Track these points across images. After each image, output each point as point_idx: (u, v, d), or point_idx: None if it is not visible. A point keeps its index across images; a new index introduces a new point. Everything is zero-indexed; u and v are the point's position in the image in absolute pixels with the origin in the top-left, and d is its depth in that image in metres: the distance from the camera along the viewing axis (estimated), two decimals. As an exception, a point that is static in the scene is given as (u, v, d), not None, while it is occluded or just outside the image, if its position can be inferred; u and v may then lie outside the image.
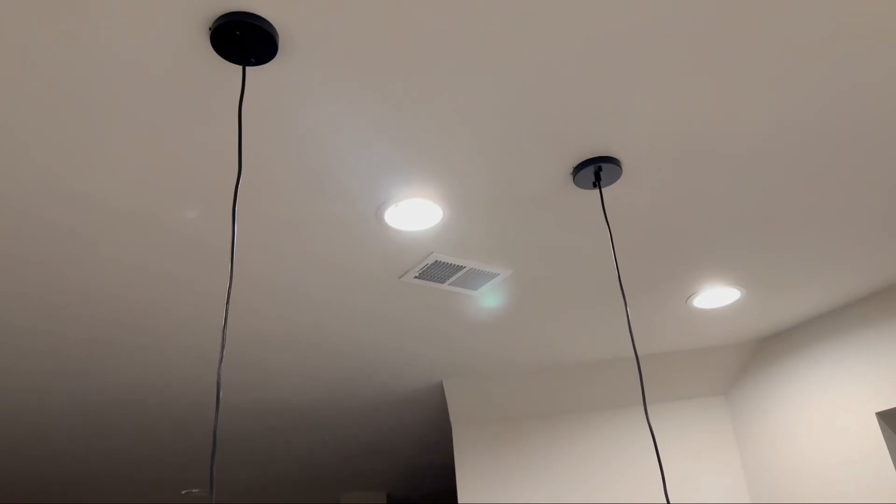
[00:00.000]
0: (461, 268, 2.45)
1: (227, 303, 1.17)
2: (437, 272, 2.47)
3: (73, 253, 2.16)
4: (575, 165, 1.90)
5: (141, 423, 3.79)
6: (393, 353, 3.16)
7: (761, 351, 3.26)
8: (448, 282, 2.54)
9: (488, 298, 2.69)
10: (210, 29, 1.37)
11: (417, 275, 2.48)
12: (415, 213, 2.09)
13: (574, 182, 1.95)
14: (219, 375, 0.98)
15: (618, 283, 2.63)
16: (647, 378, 3.39)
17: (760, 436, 3.18)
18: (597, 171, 1.89)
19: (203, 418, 3.83)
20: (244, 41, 1.37)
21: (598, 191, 2.02)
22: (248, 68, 1.48)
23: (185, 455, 4.45)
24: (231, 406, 3.67)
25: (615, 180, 1.94)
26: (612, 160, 1.87)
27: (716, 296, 2.75)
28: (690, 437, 3.35)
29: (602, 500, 3.32)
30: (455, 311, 2.78)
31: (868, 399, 2.79)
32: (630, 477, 3.33)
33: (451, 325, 2.91)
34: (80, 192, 1.87)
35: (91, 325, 2.65)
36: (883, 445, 2.70)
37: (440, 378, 3.56)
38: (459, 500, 3.50)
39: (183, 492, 5.25)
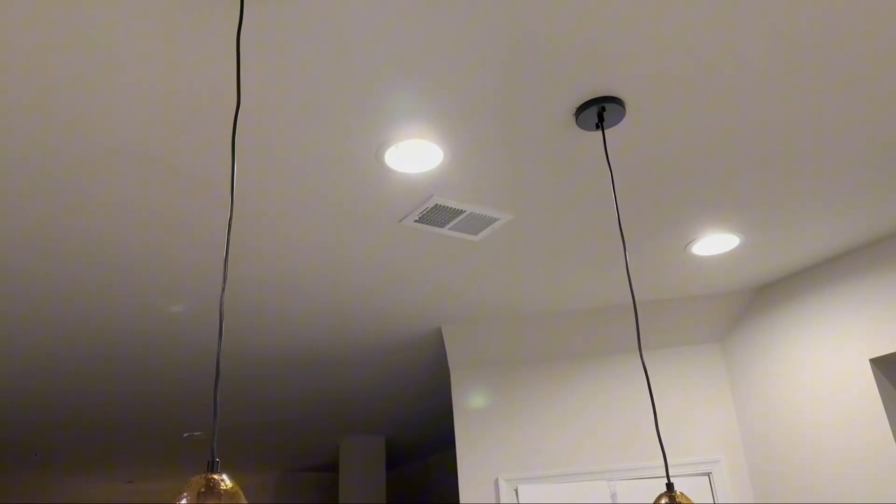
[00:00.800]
0: (461, 212, 2.45)
1: (229, 229, 1.17)
2: (437, 216, 2.47)
3: (70, 193, 2.15)
4: (578, 106, 1.88)
5: (141, 366, 3.84)
6: (392, 299, 3.18)
7: (757, 299, 3.28)
8: (448, 226, 2.54)
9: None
10: (206, -44, 1.33)
11: (417, 218, 2.47)
12: (415, 155, 2.07)
13: (577, 123, 1.93)
14: (221, 304, 0.99)
15: (618, 228, 2.63)
16: (643, 325, 3.42)
17: (754, 382, 3.22)
18: (600, 111, 1.87)
19: (203, 362, 3.87)
20: (242, -31, 1.34)
21: (600, 132, 2.00)
22: (245, -1, 1.45)
23: (185, 399, 4.52)
24: (231, 350, 3.71)
25: (618, 121, 1.92)
26: (615, 100, 1.84)
27: (715, 242, 2.76)
28: (685, 383, 3.40)
29: (597, 443, 3.38)
30: (455, 257, 2.79)
31: (862, 345, 2.82)
32: (624, 420, 3.39)
33: (451, 271, 2.92)
34: (78, 130, 1.85)
35: (89, 266, 2.66)
36: (875, 390, 2.74)
37: (439, 324, 3.59)
38: (457, 444, 3.57)
39: (185, 434, 5.35)
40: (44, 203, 2.20)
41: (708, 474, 3.19)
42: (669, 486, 1.58)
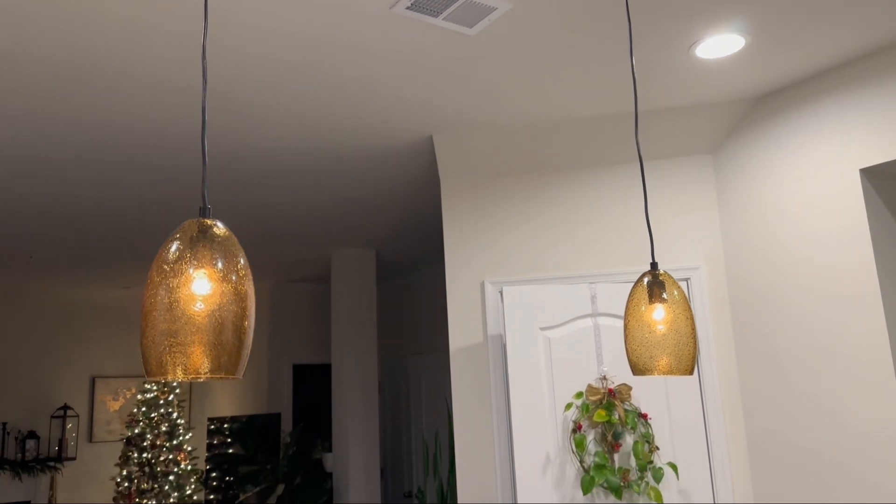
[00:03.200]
0: (457, -1, 2.30)
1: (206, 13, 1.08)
2: (431, 2, 2.32)
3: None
4: None
5: (130, 167, 3.81)
6: (383, 100, 3.10)
7: (754, 110, 3.22)
8: (442, 15, 2.40)
9: None
10: None
11: (409, 5, 2.33)
12: (409, -75, 1.90)
13: None
14: (204, 67, 0.92)
15: (622, 26, 2.50)
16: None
17: (742, 193, 3.25)
18: None
19: (192, 164, 3.84)
20: None
21: None
22: None
23: (176, 205, 4.54)
24: (216, 153, 3.66)
25: None
26: None
27: (720, 44, 2.65)
28: (672, 194, 3.43)
29: (580, 249, 3.48)
30: (448, 56, 2.67)
31: (854, 155, 2.82)
32: (608, 229, 3.46)
33: (444, 72, 2.81)
34: None
35: (69, 47, 2.53)
36: (861, 201, 2.78)
37: (430, 132, 3.53)
38: (445, 250, 3.66)
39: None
40: (7, -28, 2.03)
41: (686, 280, 3.32)
42: (654, 265, 1.63)
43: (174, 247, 1.03)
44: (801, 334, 2.95)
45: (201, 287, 1.02)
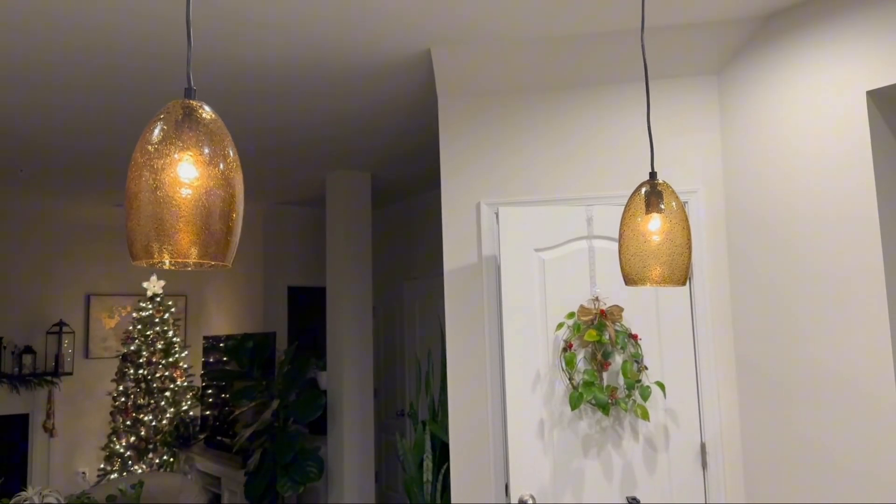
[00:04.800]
0: None
1: None
2: None
3: None
4: None
5: (118, 79, 3.70)
6: (378, 12, 2.98)
7: (763, 29, 3.12)
8: (443, -85, 2.28)
9: None
10: None
11: None
12: None
13: None
14: None
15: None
16: (640, 53, 3.29)
17: (745, 115, 3.19)
18: None
19: (180, 77, 3.74)
20: None
21: None
22: None
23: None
24: (205, 69, 3.56)
25: None
26: None
27: (732, -45, 2.54)
28: (674, 115, 3.36)
29: (578, 171, 3.43)
30: (448, -42, 2.56)
31: (861, 77, 2.75)
32: (607, 151, 3.41)
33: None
34: None
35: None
36: (865, 123, 2.72)
37: (428, 45, 3.42)
38: (441, 170, 3.61)
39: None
40: None
41: (684, 204, 3.29)
42: (652, 174, 1.60)
43: (157, 129, 0.99)
44: (796, 259, 2.95)
45: (187, 172, 0.98)
